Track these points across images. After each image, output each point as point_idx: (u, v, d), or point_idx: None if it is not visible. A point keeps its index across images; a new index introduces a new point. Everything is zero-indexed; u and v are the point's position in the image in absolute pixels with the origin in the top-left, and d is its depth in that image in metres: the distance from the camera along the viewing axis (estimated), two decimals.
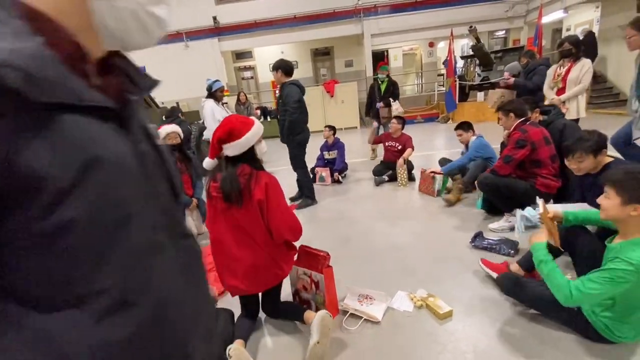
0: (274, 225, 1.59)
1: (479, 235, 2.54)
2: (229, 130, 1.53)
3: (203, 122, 9.16)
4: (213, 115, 4.07)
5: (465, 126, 3.64)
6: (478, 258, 2.24)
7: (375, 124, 5.69)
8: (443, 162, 3.85)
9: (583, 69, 3.29)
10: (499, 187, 2.64)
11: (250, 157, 1.59)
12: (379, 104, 5.34)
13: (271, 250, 1.62)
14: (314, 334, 1.51)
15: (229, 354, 1.46)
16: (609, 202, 1.36)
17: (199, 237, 3.22)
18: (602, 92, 8.13)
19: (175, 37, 10.50)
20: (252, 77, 13.05)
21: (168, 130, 3.09)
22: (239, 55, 12.68)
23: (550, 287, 1.43)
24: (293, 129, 3.49)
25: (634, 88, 2.86)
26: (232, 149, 1.54)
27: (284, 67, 3.41)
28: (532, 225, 2.15)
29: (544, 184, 2.53)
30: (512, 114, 2.71)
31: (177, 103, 7.73)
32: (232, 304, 1.90)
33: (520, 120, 2.71)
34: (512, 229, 2.50)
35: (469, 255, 2.39)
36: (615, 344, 1.44)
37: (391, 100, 5.31)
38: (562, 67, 3.45)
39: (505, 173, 2.63)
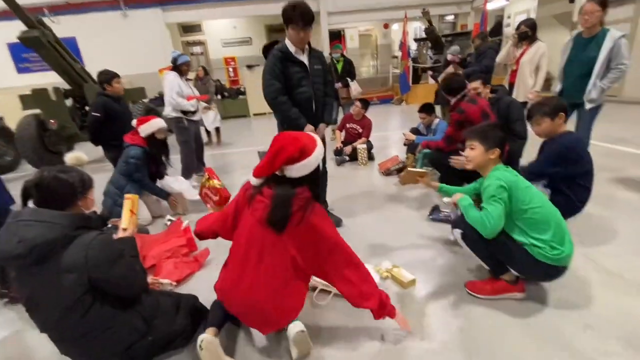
0: (335, 267, 1.41)
1: (435, 209, 2.70)
2: (302, 147, 1.32)
3: (154, 99, 8.41)
4: (180, 88, 3.68)
5: (428, 109, 3.77)
6: (436, 229, 2.42)
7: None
8: (414, 132, 3.89)
9: (538, 51, 3.42)
10: (447, 163, 2.77)
11: (314, 178, 1.40)
12: (338, 85, 5.30)
13: (278, 292, 1.39)
14: (293, 352, 1.45)
15: (200, 346, 1.35)
16: (475, 151, 1.69)
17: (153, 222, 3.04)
18: None
19: (111, 3, 9.39)
20: (202, 53, 12.22)
21: (161, 126, 2.96)
22: (187, 28, 11.74)
23: (473, 223, 1.62)
24: None
25: (560, 69, 3.01)
26: (299, 170, 1.33)
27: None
28: None
29: None
30: (445, 93, 2.91)
31: None
32: (194, 291, 1.82)
33: (457, 97, 2.82)
34: None
35: (427, 228, 2.54)
36: (565, 269, 1.59)
37: (349, 80, 5.30)
38: (517, 50, 3.60)
39: (450, 150, 2.75)
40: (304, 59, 2.40)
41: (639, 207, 2.57)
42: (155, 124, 2.93)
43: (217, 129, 6.19)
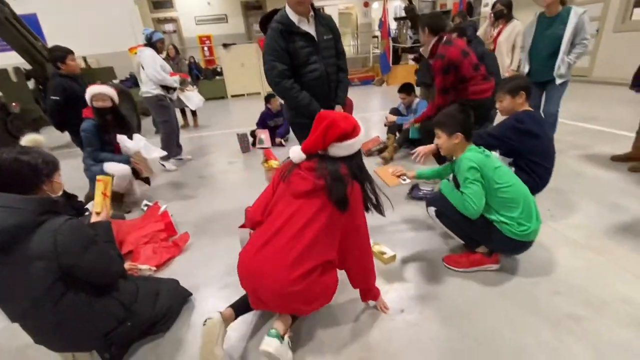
0: (355, 247, 1.36)
1: (415, 187, 2.74)
2: (355, 124, 1.30)
3: (125, 80, 8.00)
4: (163, 65, 3.56)
5: (408, 89, 3.76)
6: (415, 207, 2.46)
7: None
8: (394, 112, 3.89)
9: (514, 30, 3.46)
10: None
11: (357, 159, 1.36)
12: None
13: (297, 264, 1.23)
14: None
15: (204, 322, 1.31)
16: (441, 140, 1.76)
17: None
18: None
19: None
20: (174, 31, 11.62)
21: (94, 92, 2.64)
22: (157, 4, 11.09)
23: (458, 209, 1.67)
24: None
25: (526, 50, 3.01)
26: (347, 148, 1.29)
27: None
28: None
29: (475, 92, 2.57)
30: (427, 29, 2.62)
31: (85, 58, 6.58)
32: (175, 276, 1.79)
33: (436, 38, 2.60)
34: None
35: (407, 205, 2.58)
36: (532, 244, 1.67)
37: None
38: (494, 29, 3.63)
39: (448, 102, 2.59)
40: (310, 29, 1.97)
41: (605, 182, 2.71)
42: (90, 90, 2.65)
43: (193, 111, 5.98)
